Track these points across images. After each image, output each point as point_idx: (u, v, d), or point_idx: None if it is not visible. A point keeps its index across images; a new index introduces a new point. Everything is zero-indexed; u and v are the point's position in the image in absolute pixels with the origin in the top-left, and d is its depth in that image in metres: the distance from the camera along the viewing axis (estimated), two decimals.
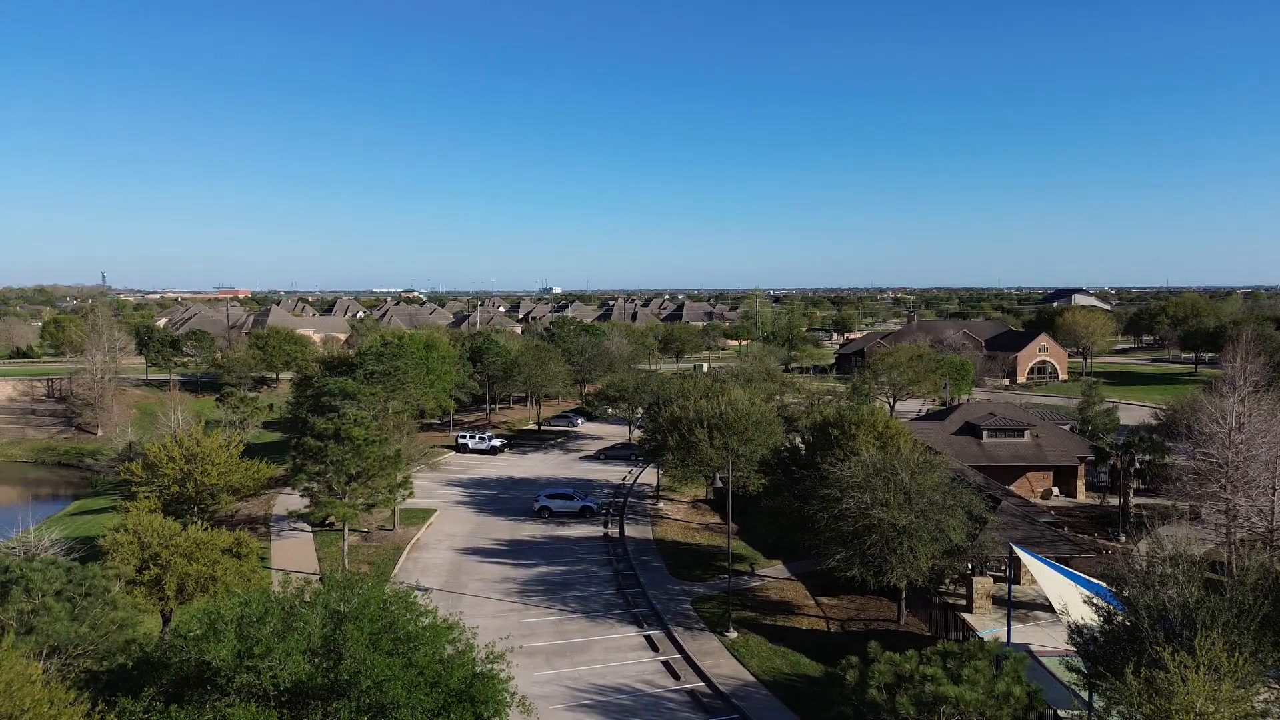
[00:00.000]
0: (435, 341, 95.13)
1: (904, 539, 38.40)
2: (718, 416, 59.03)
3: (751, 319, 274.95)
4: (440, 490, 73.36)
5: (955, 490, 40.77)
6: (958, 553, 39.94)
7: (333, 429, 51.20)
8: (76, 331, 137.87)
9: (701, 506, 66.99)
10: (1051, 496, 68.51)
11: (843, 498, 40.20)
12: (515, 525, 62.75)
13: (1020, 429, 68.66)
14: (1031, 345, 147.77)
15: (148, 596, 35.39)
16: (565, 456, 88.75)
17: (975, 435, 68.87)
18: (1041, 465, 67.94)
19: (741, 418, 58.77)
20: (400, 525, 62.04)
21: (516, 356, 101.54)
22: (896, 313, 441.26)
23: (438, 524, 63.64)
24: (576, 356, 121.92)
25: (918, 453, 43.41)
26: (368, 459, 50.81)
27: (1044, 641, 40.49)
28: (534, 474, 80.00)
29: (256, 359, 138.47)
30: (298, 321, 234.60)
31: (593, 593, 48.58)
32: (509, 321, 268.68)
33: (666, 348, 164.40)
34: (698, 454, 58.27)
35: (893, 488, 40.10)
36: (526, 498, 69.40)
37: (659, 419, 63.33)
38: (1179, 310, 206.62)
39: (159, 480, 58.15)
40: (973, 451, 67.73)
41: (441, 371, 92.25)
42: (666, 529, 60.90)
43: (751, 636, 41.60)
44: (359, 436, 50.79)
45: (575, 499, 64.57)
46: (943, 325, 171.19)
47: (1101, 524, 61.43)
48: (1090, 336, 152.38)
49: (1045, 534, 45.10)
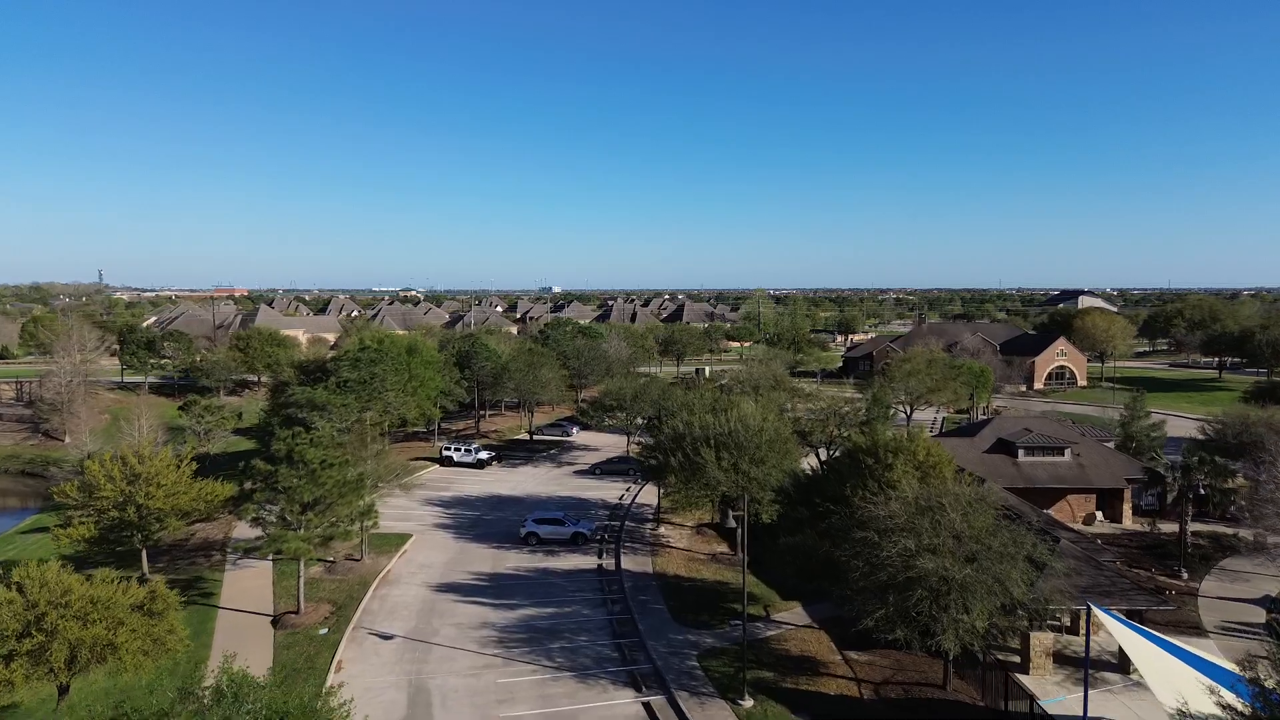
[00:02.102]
0: (418, 345, 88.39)
1: (956, 594, 31.72)
2: (726, 434, 52.37)
3: (754, 320, 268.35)
4: (418, 510, 66.63)
5: (1015, 532, 34.09)
6: (1019, 609, 33.25)
7: (285, 450, 44.49)
8: (46, 331, 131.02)
9: (707, 533, 60.28)
10: (1094, 522, 61.83)
11: (881, 542, 33.53)
12: (499, 554, 56.04)
13: (1060, 447, 61.96)
14: (1049, 350, 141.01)
15: (31, 668, 28.68)
16: (558, 470, 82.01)
17: (1010, 454, 62.19)
18: (1084, 488, 61.24)
19: (753, 436, 52.11)
20: (370, 553, 55.34)
21: (507, 361, 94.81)
22: (900, 314, 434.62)
23: (413, 551, 56.91)
24: (572, 360, 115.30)
25: (968, 485, 36.71)
26: (324, 485, 44.11)
27: (1124, 717, 33.85)
28: (523, 491, 73.29)
29: (237, 361, 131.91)
30: (287, 321, 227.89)
31: (583, 644, 41.86)
32: (506, 321, 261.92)
33: (667, 350, 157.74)
34: (704, 476, 51.60)
35: (941, 530, 33.44)
36: (513, 520, 62.75)
37: (660, 435, 56.59)
38: (1195, 313, 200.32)
39: (96, 504, 51.60)
40: (1007, 472, 61.05)
41: (425, 378, 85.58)
42: (668, 560, 54.17)
43: (770, 706, 34.87)
44: (314, 459, 44.08)
45: (566, 524, 57.87)
46: (955, 328, 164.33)
47: (1155, 555, 54.76)
48: (1109, 340, 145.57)
49: (1114, 581, 38.42)
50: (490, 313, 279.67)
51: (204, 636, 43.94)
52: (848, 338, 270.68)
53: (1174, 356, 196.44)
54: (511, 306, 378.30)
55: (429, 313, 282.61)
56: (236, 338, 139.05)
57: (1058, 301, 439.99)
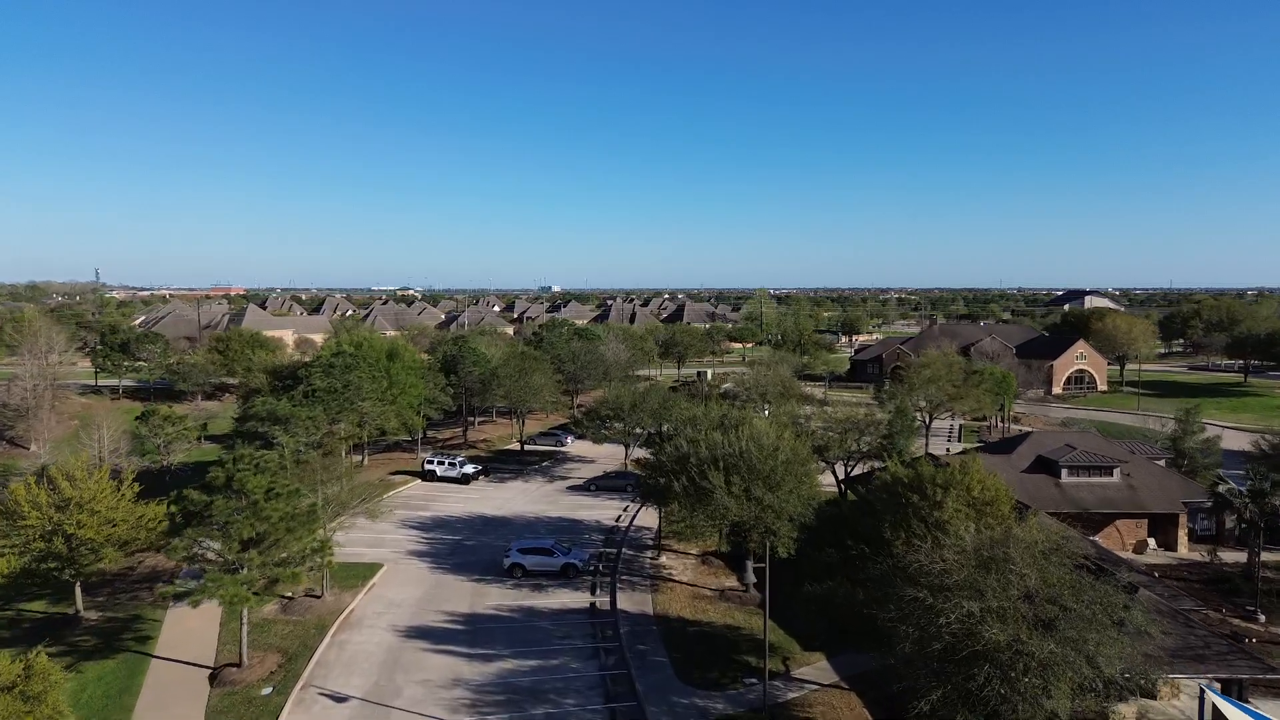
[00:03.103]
0: (400, 350, 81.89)
1: (1035, 674, 25.29)
2: (736, 455, 45.89)
3: (756, 320, 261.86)
4: (393, 534, 60.11)
5: (1101, 591, 27.62)
6: (1109, 688, 26.80)
7: (223, 478, 38.03)
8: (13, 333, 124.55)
9: (713, 562, 53.75)
10: (1146, 550, 55.37)
11: (936, 604, 27.08)
12: (479, 589, 49.54)
13: (1108, 466, 55.50)
14: (1068, 353, 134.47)
15: None
16: (550, 486, 75.49)
17: (1052, 474, 55.74)
18: (1135, 512, 54.78)
19: (767, 457, 45.65)
20: (333, 588, 48.87)
21: (496, 366, 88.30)
22: (903, 314, 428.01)
23: (382, 585, 50.41)
24: (567, 364, 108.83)
25: (1039, 530, 30.20)
26: (269, 519, 37.63)
27: None
28: (510, 511, 66.80)
29: (216, 364, 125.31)
30: (275, 321, 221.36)
31: (570, 708, 35.38)
32: (502, 322, 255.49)
33: (667, 352, 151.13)
34: (711, 503, 45.13)
35: (1010, 589, 27.00)
36: (497, 547, 56.31)
37: (662, 455, 50.02)
38: (1213, 314, 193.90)
39: (20, 534, 45.28)
40: (1049, 494, 54.60)
41: (406, 385, 79.11)
42: (671, 598, 47.66)
43: None
44: (257, 489, 37.60)
45: (555, 554, 51.37)
46: (968, 329, 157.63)
47: (1220, 591, 48.30)
48: (1131, 343, 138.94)
49: (1208, 642, 31.97)
50: (486, 313, 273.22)
51: (128, 697, 37.53)
52: (852, 338, 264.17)
53: (1192, 359, 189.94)
54: (509, 306, 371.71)
55: (423, 313, 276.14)
56: (215, 339, 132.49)
57: (1063, 302, 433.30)
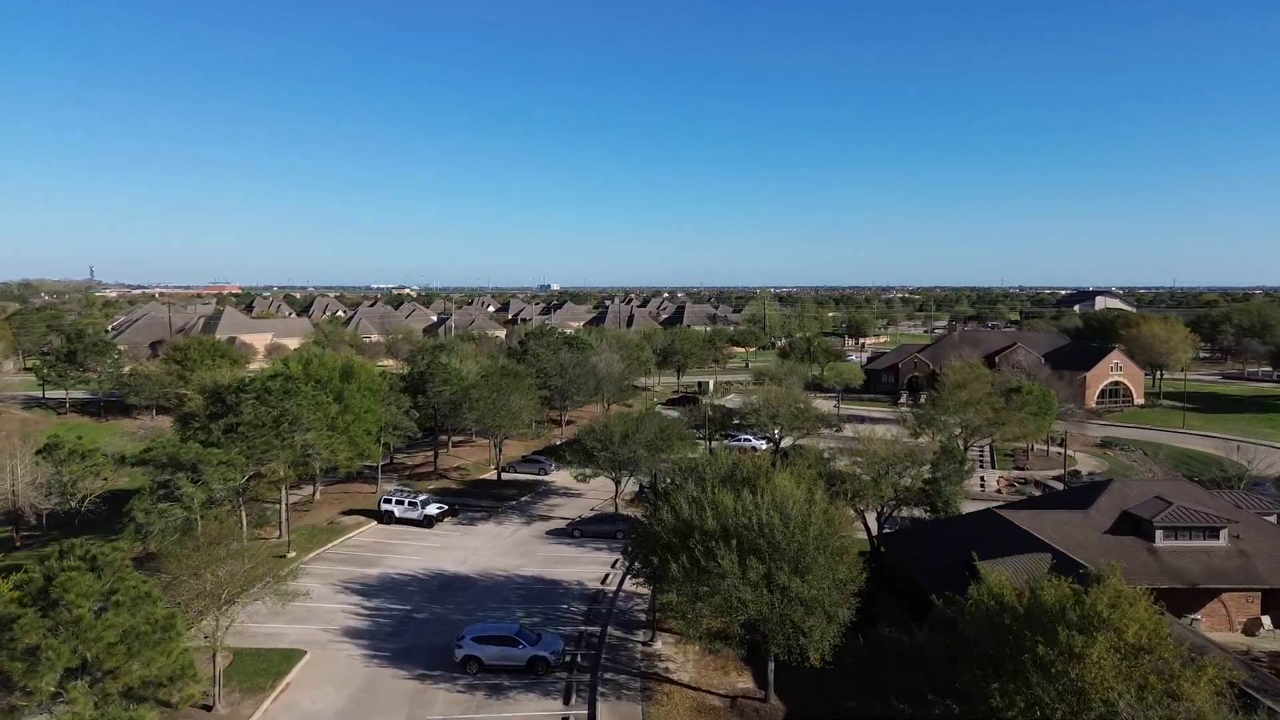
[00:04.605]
0: (356, 368, 70.89)
1: None
2: (755, 529, 34.99)
3: (759, 323, 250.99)
4: (329, 602, 49.09)
5: None
6: None
7: (39, 580, 27.13)
8: None
9: (721, 651, 42.63)
10: (1259, 630, 44.49)
11: None
12: (421, 692, 38.56)
13: (1214, 527, 44.54)
14: (1103, 363, 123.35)
15: None
16: (527, 530, 64.58)
17: (1143, 535, 44.78)
18: (1248, 584, 43.86)
19: (795, 531, 34.76)
20: (232, 692, 37.93)
21: (469, 386, 77.28)
22: (908, 314, 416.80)
23: (298, 686, 39.42)
24: (555, 378, 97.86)
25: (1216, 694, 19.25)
26: (100, 639, 26.73)
27: None
28: (476, 566, 55.89)
29: (172, 374, 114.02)
30: (253, 325, 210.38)
31: None
32: (493, 325, 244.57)
33: (666, 361, 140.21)
34: (720, 593, 34.24)
35: None
36: (454, 622, 45.43)
37: (656, 521, 38.87)
38: (1244, 318, 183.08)
39: None
40: (1142, 563, 43.64)
41: (362, 410, 68.14)
42: (668, 711, 36.58)
43: None
44: (82, 599, 26.68)
45: (520, 644, 40.35)
46: (991, 336, 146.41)
47: None
48: (1170, 352, 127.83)
49: None
50: (478, 314, 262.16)
51: None
52: (858, 341, 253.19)
53: (1222, 366, 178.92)
54: (503, 306, 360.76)
55: (412, 314, 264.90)
56: (172, 348, 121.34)
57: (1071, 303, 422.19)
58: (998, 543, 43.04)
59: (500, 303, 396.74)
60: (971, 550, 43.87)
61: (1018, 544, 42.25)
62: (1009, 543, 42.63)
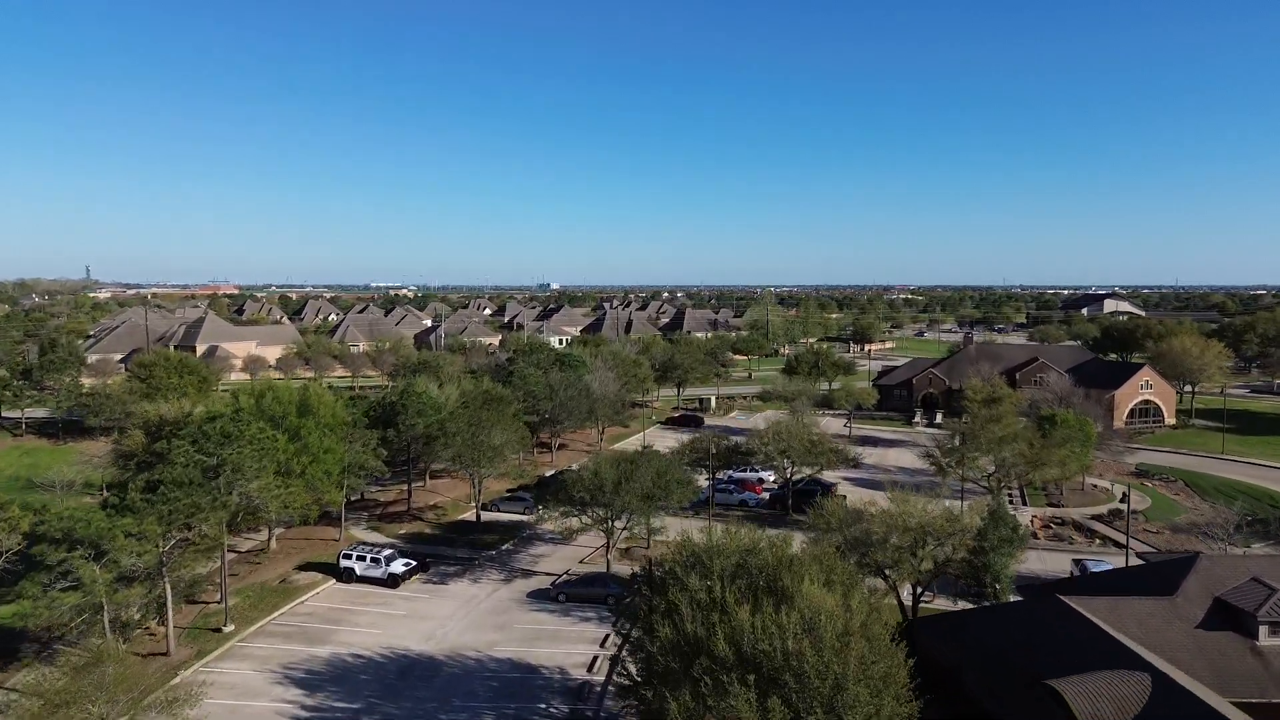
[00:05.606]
0: (314, 402, 62.97)
1: None
2: (780, 659, 27.10)
3: (761, 329, 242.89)
4: (257, 702, 41.05)
5: None
6: None
7: None
8: None
9: None
10: None
11: None
12: None
13: None
14: (1132, 381, 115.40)
15: None
16: (505, 590, 56.65)
17: (1244, 632, 36.84)
18: None
19: (830, 661, 26.88)
20: None
21: (445, 418, 69.39)
22: (913, 316, 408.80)
23: None
24: (544, 402, 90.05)
25: None
26: None
27: None
28: (444, 644, 47.93)
29: (136, 393, 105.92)
30: (236, 332, 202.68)
31: None
32: (486, 331, 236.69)
33: (665, 376, 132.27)
34: None
35: None
36: None
37: (653, 645, 30.84)
38: (1270, 327, 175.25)
39: None
40: (1244, 668, 35.71)
41: (321, 450, 60.29)
42: None
43: None
44: None
45: None
46: (1010, 350, 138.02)
47: None
48: (1202, 369, 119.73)
49: None
50: (471, 321, 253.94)
51: None
52: (864, 347, 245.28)
53: (1248, 378, 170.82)
54: (500, 310, 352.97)
55: (403, 320, 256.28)
56: (137, 364, 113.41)
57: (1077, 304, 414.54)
58: (1070, 647, 35.13)
59: (497, 305, 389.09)
60: (1036, 653, 36.14)
61: (1097, 650, 34.31)
62: (1084, 648, 34.70)
